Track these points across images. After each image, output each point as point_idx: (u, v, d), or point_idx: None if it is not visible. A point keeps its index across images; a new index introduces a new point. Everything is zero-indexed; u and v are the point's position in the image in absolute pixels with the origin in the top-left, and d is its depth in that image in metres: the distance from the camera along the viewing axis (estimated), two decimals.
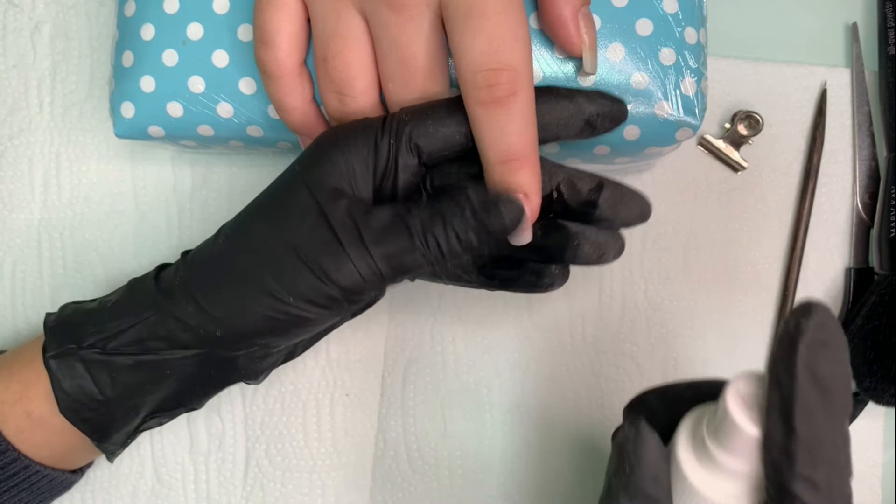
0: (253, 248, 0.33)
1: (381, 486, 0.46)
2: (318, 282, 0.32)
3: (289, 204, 0.33)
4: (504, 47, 0.30)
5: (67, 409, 0.36)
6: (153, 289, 0.35)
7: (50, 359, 0.36)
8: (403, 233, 0.31)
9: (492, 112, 0.31)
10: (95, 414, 0.36)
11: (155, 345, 0.35)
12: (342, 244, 0.31)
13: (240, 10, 0.37)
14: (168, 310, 0.34)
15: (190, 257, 0.36)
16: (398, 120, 0.32)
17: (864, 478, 0.46)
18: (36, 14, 0.48)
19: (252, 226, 0.34)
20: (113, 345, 0.35)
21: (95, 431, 0.37)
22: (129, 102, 0.38)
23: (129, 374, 0.35)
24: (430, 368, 0.46)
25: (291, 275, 0.32)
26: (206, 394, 0.38)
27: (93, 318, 0.36)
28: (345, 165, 0.32)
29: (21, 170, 0.48)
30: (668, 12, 0.36)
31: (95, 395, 0.36)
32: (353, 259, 0.31)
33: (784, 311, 0.46)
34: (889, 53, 0.46)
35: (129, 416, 0.37)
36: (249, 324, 0.33)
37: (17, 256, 0.47)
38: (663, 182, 0.47)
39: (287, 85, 0.35)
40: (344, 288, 0.32)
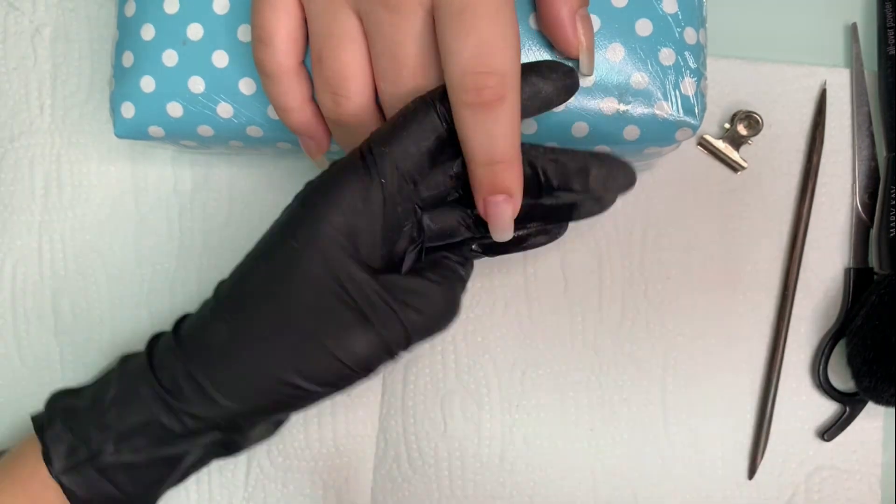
0: (264, 334, 0.32)
1: (381, 485, 0.46)
2: (342, 367, 0.32)
3: (297, 281, 0.32)
4: (493, 51, 0.30)
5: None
6: (153, 380, 0.34)
7: (60, 475, 0.35)
8: (422, 292, 0.33)
9: (479, 115, 0.30)
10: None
11: (169, 440, 0.35)
12: (368, 318, 0.31)
13: (240, 10, 0.37)
14: (179, 407, 0.34)
15: (187, 336, 0.35)
16: (377, 154, 0.31)
17: (864, 478, 0.46)
18: (37, 17, 0.48)
19: (257, 303, 0.33)
20: (125, 446, 0.35)
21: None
22: (129, 102, 0.39)
23: (147, 469, 0.36)
24: (430, 368, 0.46)
25: (312, 361, 0.32)
26: (220, 457, 0.38)
27: (91, 418, 0.36)
28: (346, 227, 0.31)
29: (22, 172, 0.48)
30: (667, 12, 0.36)
31: (116, 497, 0.36)
32: (380, 332, 0.32)
33: (784, 311, 0.46)
34: (889, 53, 0.46)
35: (152, 499, 0.37)
36: (267, 406, 0.34)
37: (17, 258, 0.47)
38: (663, 182, 0.47)
39: (286, 85, 0.35)
40: (367, 368, 0.32)
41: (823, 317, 0.46)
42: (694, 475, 0.46)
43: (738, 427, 0.46)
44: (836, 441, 0.46)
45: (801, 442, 0.46)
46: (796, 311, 0.46)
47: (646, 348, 0.46)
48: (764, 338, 0.46)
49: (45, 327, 0.47)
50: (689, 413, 0.46)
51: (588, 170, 0.35)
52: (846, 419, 0.45)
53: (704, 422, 0.46)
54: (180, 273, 0.47)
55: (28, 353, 0.47)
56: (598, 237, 0.47)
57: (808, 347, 0.46)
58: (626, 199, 0.47)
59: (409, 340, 0.33)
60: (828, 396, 0.46)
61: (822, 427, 0.46)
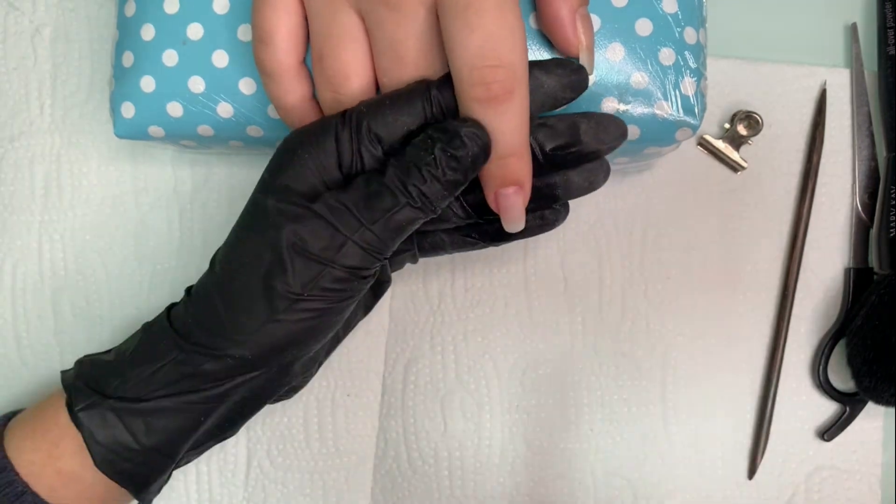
0: (251, 264, 0.33)
1: (381, 485, 0.46)
2: (324, 268, 0.32)
3: (271, 211, 0.33)
4: (501, 44, 0.30)
5: (103, 463, 0.35)
6: (169, 331, 0.35)
7: (80, 412, 0.35)
8: (385, 193, 0.31)
9: (488, 110, 0.30)
10: (132, 465, 0.36)
11: (189, 384, 0.35)
12: (335, 226, 0.31)
13: (240, 10, 0.37)
14: (191, 348, 0.34)
15: (194, 293, 0.35)
16: (357, 112, 0.32)
17: (864, 478, 0.46)
18: (36, 17, 0.48)
19: (242, 244, 0.34)
20: (144, 391, 0.35)
21: (133, 483, 0.36)
22: (129, 102, 0.39)
23: (165, 417, 0.35)
24: (430, 368, 0.46)
25: (297, 270, 0.32)
26: (242, 421, 0.38)
27: (113, 369, 0.36)
28: (314, 164, 0.32)
29: (22, 172, 0.48)
30: (667, 12, 0.36)
31: (131, 445, 0.35)
32: (350, 235, 0.31)
33: (784, 311, 0.46)
34: (889, 53, 0.46)
35: (165, 463, 0.37)
36: (276, 335, 0.33)
37: (17, 258, 0.47)
38: (663, 182, 0.47)
39: (286, 84, 0.35)
40: (350, 266, 0.32)
41: (823, 317, 0.46)
42: (694, 475, 0.46)
43: (738, 427, 0.46)
44: (836, 441, 0.46)
45: (801, 442, 0.46)
46: (796, 311, 0.46)
47: (646, 348, 0.46)
48: (764, 338, 0.46)
49: (45, 327, 0.47)
50: (689, 413, 0.46)
51: (578, 125, 0.34)
52: (846, 419, 0.45)
53: (704, 422, 0.46)
54: (180, 273, 0.47)
55: (28, 352, 0.47)
56: (598, 237, 0.47)
57: (808, 347, 0.46)
58: (626, 199, 0.47)
59: (381, 240, 0.32)
60: (828, 396, 0.46)
61: (822, 427, 0.46)
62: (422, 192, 0.31)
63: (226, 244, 0.35)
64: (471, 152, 0.31)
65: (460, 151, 0.30)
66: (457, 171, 0.31)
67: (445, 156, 0.31)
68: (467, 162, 0.31)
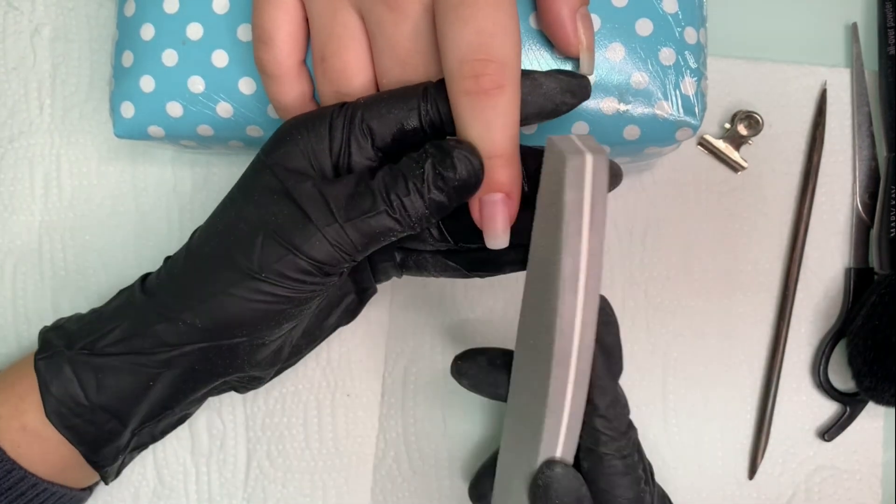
0: (222, 235, 0.33)
1: (381, 486, 0.46)
2: (288, 254, 0.31)
3: (253, 188, 0.33)
4: (493, 39, 0.30)
5: (53, 414, 0.36)
6: (138, 290, 0.36)
7: (39, 360, 0.36)
8: (367, 195, 0.31)
9: (476, 103, 0.30)
10: (81, 421, 0.36)
11: (140, 343, 0.35)
12: (308, 216, 0.31)
13: (239, 9, 0.37)
14: (147, 305, 0.35)
15: (170, 258, 0.36)
16: (354, 104, 0.32)
17: (864, 478, 0.46)
18: (36, 17, 0.48)
19: (221, 216, 0.34)
20: (100, 345, 0.35)
21: (83, 443, 0.36)
22: (128, 102, 0.39)
23: (114, 376, 0.35)
24: (430, 368, 0.46)
25: (261, 251, 0.32)
26: (191, 395, 0.37)
27: (84, 324, 0.37)
28: (303, 146, 0.32)
29: (21, 172, 0.48)
30: (667, 12, 0.36)
31: (80, 400, 0.35)
32: (321, 229, 0.31)
33: (784, 311, 0.46)
34: (889, 53, 0.46)
35: (116, 427, 0.36)
36: (228, 310, 0.33)
37: (17, 258, 0.47)
38: (663, 182, 0.47)
39: (286, 84, 0.35)
40: (316, 260, 0.31)
41: (823, 317, 0.46)
42: (694, 475, 0.46)
43: (739, 427, 0.46)
44: (837, 441, 0.46)
45: (801, 442, 0.46)
46: (796, 311, 0.46)
47: (646, 348, 0.46)
48: (764, 338, 0.46)
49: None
50: (690, 413, 0.46)
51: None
52: (846, 419, 0.45)
53: (704, 422, 0.46)
54: None
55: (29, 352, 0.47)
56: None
57: (808, 347, 0.46)
58: (627, 199, 0.47)
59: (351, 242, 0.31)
60: (828, 396, 0.46)
61: (822, 427, 0.46)
62: (402, 204, 0.30)
63: (209, 217, 0.35)
64: (459, 175, 0.30)
65: (448, 172, 0.30)
66: (441, 192, 0.30)
67: (433, 173, 0.30)
68: (453, 184, 0.30)
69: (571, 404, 0.30)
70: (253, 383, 0.39)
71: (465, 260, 0.38)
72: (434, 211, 0.31)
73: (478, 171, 0.30)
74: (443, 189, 0.30)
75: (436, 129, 0.32)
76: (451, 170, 0.30)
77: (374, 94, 0.32)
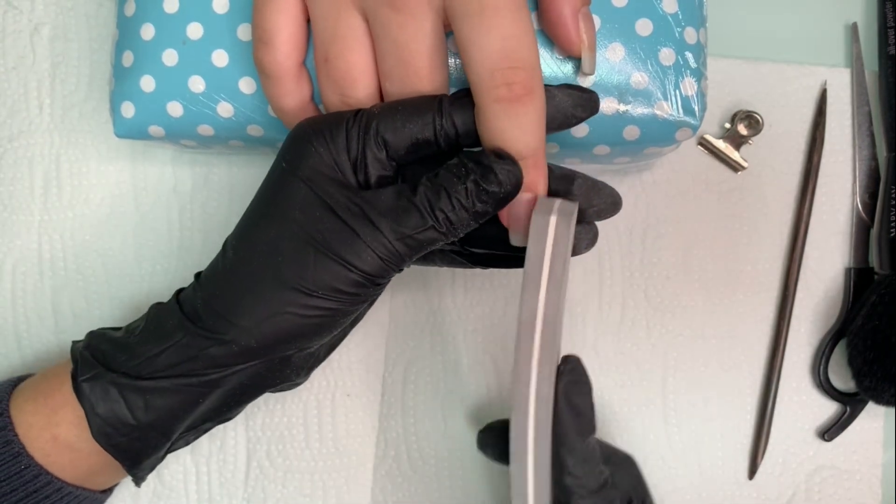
0: (267, 252, 0.33)
1: (381, 486, 0.46)
2: (342, 269, 0.32)
3: (290, 202, 0.33)
4: (519, 45, 0.30)
5: (100, 435, 0.36)
6: (178, 312, 0.35)
7: (83, 382, 0.35)
8: (413, 212, 0.31)
9: (509, 110, 0.30)
10: (128, 439, 0.36)
11: (190, 366, 0.34)
12: (356, 232, 0.31)
13: (240, 9, 0.37)
14: (196, 331, 0.34)
15: (204, 277, 0.35)
16: (368, 113, 0.32)
17: (864, 478, 0.46)
18: (35, 16, 0.48)
19: (258, 231, 0.34)
20: (147, 370, 0.35)
21: (127, 458, 0.37)
22: (129, 102, 0.38)
23: (163, 397, 0.35)
24: (430, 368, 0.46)
25: (314, 267, 0.32)
26: (238, 407, 0.38)
27: (121, 345, 0.36)
28: (329, 157, 0.32)
29: (21, 171, 0.48)
30: (667, 12, 0.36)
31: (128, 420, 0.35)
32: (370, 244, 0.31)
33: (784, 311, 0.46)
34: (889, 53, 0.46)
35: (160, 442, 0.37)
36: (282, 326, 0.33)
37: (17, 258, 0.47)
38: (663, 182, 0.47)
39: (286, 86, 0.35)
40: (367, 273, 0.32)
41: (823, 317, 0.46)
42: (694, 475, 0.46)
43: (739, 427, 0.46)
44: (837, 441, 0.46)
45: (801, 442, 0.46)
46: (796, 311, 0.46)
47: (646, 348, 0.46)
48: (764, 338, 0.46)
49: (45, 327, 0.47)
50: (690, 413, 0.46)
51: (573, 178, 0.35)
52: (846, 419, 0.45)
53: (704, 422, 0.46)
54: (180, 273, 0.47)
55: (28, 352, 0.47)
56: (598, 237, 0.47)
57: (808, 347, 0.46)
58: (627, 199, 0.47)
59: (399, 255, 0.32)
60: (828, 396, 0.46)
61: (822, 427, 0.46)
62: (448, 218, 0.31)
63: (239, 229, 0.35)
64: (503, 190, 0.31)
65: (493, 187, 0.31)
66: (486, 204, 0.31)
67: (477, 189, 0.31)
68: (498, 197, 0.31)
69: (535, 459, 0.31)
70: (289, 387, 0.40)
71: (469, 254, 0.38)
72: (478, 220, 0.32)
73: (520, 180, 0.31)
74: (487, 202, 0.31)
75: (450, 143, 0.32)
76: (497, 185, 0.31)
77: (389, 104, 0.33)
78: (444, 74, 0.33)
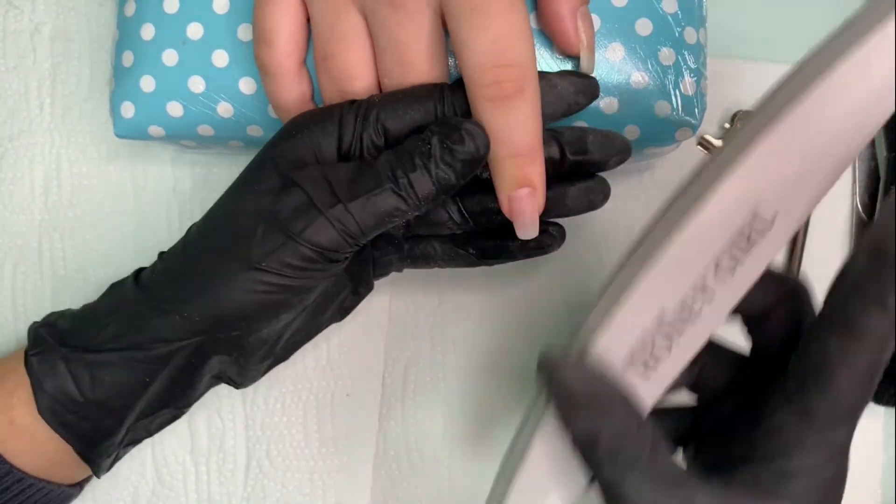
0: (221, 226, 0.33)
1: (381, 486, 0.46)
2: (290, 241, 0.31)
3: (255, 179, 0.33)
4: (511, 44, 0.30)
5: (47, 411, 0.35)
6: (131, 283, 0.36)
7: (31, 357, 0.36)
8: (369, 174, 0.31)
9: (500, 108, 0.31)
10: (76, 417, 0.35)
11: (136, 339, 0.34)
12: (312, 200, 0.31)
13: (240, 9, 0.37)
14: (143, 300, 0.34)
15: (166, 253, 0.36)
16: (368, 101, 0.33)
17: (864, 478, 0.46)
18: (36, 15, 0.48)
19: (219, 207, 0.34)
20: (95, 341, 0.35)
21: (78, 439, 0.36)
22: (129, 102, 0.39)
23: (110, 373, 0.35)
24: (430, 368, 0.46)
25: (263, 239, 0.32)
26: (189, 392, 0.37)
27: (77, 321, 0.36)
28: (309, 139, 0.32)
29: (21, 171, 0.48)
30: (667, 12, 0.36)
31: (76, 397, 0.35)
32: (325, 211, 0.31)
33: None
34: None
35: (112, 424, 0.36)
36: (227, 302, 0.33)
37: (17, 258, 0.47)
38: (663, 182, 0.47)
39: (286, 84, 0.35)
40: (320, 246, 0.32)
41: None
42: None
43: None
44: None
45: None
46: None
47: None
48: None
49: None
50: None
51: (586, 135, 0.35)
52: None
53: None
54: None
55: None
56: (598, 237, 0.47)
57: None
58: (626, 199, 0.47)
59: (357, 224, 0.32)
60: None
61: None
62: (409, 182, 0.31)
63: (209, 210, 0.35)
64: (467, 148, 0.31)
65: (457, 146, 0.31)
66: (449, 167, 0.31)
67: (441, 147, 0.31)
68: (462, 157, 0.31)
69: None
70: (244, 382, 0.39)
71: (479, 246, 0.38)
72: (441, 188, 0.31)
73: (485, 142, 0.31)
74: (450, 164, 0.31)
75: None
76: (460, 143, 0.31)
77: (389, 93, 0.33)
78: (443, 72, 0.33)
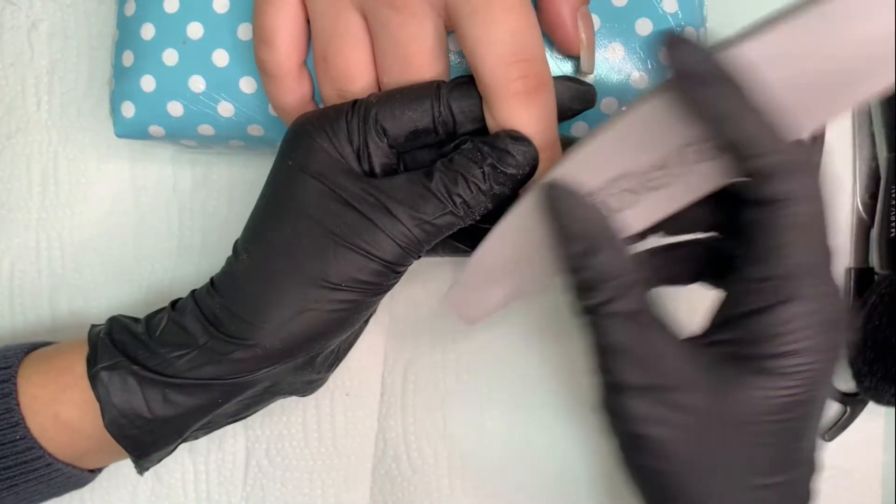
0: (284, 252, 0.33)
1: (381, 486, 0.46)
2: (362, 258, 0.32)
3: (303, 199, 0.33)
4: (528, 39, 0.31)
5: (113, 425, 0.35)
6: (199, 316, 0.35)
7: (102, 370, 0.35)
8: (430, 198, 0.32)
9: (527, 103, 0.31)
10: (140, 432, 0.35)
11: (213, 370, 0.34)
12: (374, 221, 0.32)
13: (240, 9, 0.37)
14: (219, 336, 0.34)
15: (219, 282, 0.35)
16: (366, 103, 0.33)
17: (864, 478, 0.46)
18: (33, 12, 0.48)
19: (272, 231, 0.33)
20: (170, 371, 0.34)
21: (136, 448, 0.36)
22: (129, 102, 0.38)
23: (183, 395, 0.35)
24: (430, 368, 0.46)
25: (335, 260, 0.32)
26: (257, 408, 0.38)
27: (142, 342, 0.36)
28: (333, 150, 0.32)
29: (19, 169, 0.47)
30: (667, 12, 0.36)
31: (144, 414, 0.35)
32: (389, 232, 0.32)
33: None
34: None
35: (173, 438, 0.36)
36: (307, 324, 0.33)
37: (15, 256, 0.47)
38: None
39: (286, 85, 0.35)
40: (387, 261, 0.32)
41: None
42: None
43: None
44: (837, 441, 0.46)
45: None
46: None
47: None
48: None
49: (43, 325, 0.47)
50: None
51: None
52: (846, 419, 0.45)
53: None
54: (180, 272, 0.47)
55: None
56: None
57: None
58: None
59: (418, 241, 0.32)
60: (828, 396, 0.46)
61: (822, 427, 0.46)
62: (465, 202, 0.32)
63: (250, 231, 0.34)
64: (521, 171, 0.32)
65: (511, 169, 0.31)
66: (504, 186, 0.32)
67: (494, 171, 0.31)
68: (516, 179, 0.32)
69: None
70: (310, 389, 0.40)
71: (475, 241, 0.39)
72: (495, 202, 0.32)
73: (536, 160, 0.32)
74: (504, 184, 0.32)
75: (447, 129, 0.33)
76: (514, 167, 0.31)
77: (386, 93, 0.33)
78: (443, 70, 0.33)
